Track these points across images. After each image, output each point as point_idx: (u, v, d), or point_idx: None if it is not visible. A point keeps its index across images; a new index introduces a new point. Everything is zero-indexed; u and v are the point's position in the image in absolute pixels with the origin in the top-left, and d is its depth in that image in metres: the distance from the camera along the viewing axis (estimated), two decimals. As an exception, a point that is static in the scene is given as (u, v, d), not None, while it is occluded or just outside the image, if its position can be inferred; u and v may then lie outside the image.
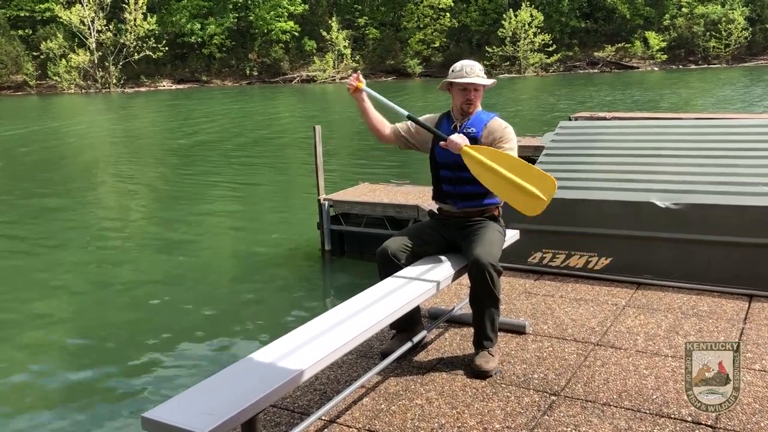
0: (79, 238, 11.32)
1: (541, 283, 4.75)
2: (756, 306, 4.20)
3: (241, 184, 16.04)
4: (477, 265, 3.30)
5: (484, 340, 3.44)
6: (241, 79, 64.89)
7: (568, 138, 5.75)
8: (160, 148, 23.59)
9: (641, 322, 4.00)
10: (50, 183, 16.90)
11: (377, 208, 9.24)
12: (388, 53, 65.73)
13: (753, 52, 62.27)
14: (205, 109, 38.37)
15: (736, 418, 2.91)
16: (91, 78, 62.73)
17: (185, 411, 2.16)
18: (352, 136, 24.44)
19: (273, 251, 10.05)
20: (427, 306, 4.14)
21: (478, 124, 3.51)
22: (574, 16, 64.38)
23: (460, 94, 3.51)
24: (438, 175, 3.63)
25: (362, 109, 3.61)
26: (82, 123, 33.69)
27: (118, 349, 6.74)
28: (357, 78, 3.52)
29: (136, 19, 61.81)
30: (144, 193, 15.54)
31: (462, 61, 3.60)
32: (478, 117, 3.53)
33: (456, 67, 3.54)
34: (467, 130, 3.50)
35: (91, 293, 8.56)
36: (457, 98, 3.54)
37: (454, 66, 3.57)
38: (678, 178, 4.83)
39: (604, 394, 3.15)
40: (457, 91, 3.52)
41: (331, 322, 2.84)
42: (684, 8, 63.30)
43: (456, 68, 3.53)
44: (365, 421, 3.00)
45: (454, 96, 3.56)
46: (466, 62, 3.56)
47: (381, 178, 11.92)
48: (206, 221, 12.40)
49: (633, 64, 62.39)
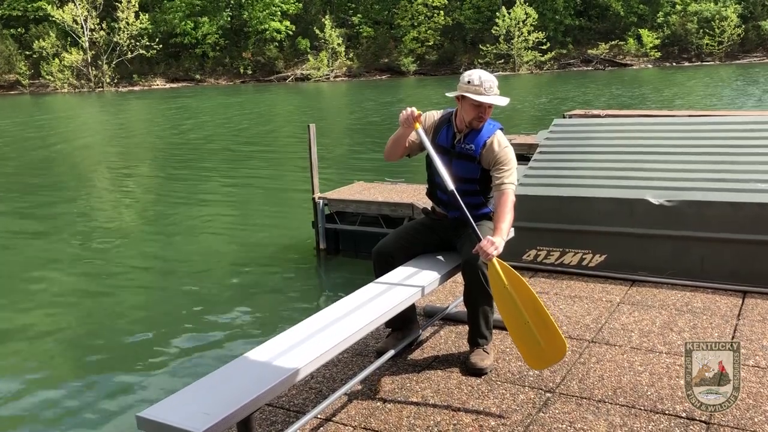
0: (72, 237, 11.28)
1: (536, 281, 4.76)
2: (749, 302, 4.22)
3: (235, 183, 16.01)
4: (470, 262, 3.30)
5: (479, 337, 3.45)
6: (235, 78, 64.75)
7: (562, 135, 5.76)
8: (153, 146, 23.53)
9: (636, 319, 4.02)
10: (42, 182, 16.83)
11: (372, 206, 9.24)
12: (382, 51, 65.67)
13: (746, 49, 62.42)
14: (199, 108, 38.28)
15: (730, 414, 2.93)
16: (84, 77, 62.50)
17: (181, 410, 2.16)
18: (346, 134, 24.43)
19: (268, 250, 10.04)
20: (422, 304, 4.15)
21: (478, 141, 3.36)
22: (568, 14, 64.44)
23: (472, 108, 3.31)
24: (433, 181, 3.57)
25: (402, 136, 3.42)
26: (74, 121, 33.58)
27: (112, 348, 6.73)
28: (418, 118, 3.32)
29: (129, 18, 61.60)
30: (137, 192, 15.50)
31: (479, 72, 3.34)
32: (481, 133, 3.37)
33: (474, 80, 3.27)
34: (466, 146, 3.37)
35: (85, 292, 8.54)
36: (468, 112, 3.33)
37: (471, 77, 3.31)
38: (672, 175, 4.84)
39: (599, 391, 3.16)
40: (470, 106, 3.31)
41: (326, 321, 2.84)
42: (678, 5, 63.44)
43: (474, 81, 3.27)
44: (361, 419, 3.00)
45: (465, 108, 3.34)
46: (485, 77, 3.30)
47: (376, 177, 11.93)
48: (200, 220, 12.38)
49: (627, 62, 62.47)
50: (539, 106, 30.07)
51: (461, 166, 3.40)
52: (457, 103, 3.42)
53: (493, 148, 3.35)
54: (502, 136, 3.40)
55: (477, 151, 3.37)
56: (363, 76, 64.69)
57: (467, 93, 3.28)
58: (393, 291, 3.15)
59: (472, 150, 3.37)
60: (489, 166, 3.37)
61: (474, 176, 3.41)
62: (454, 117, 3.48)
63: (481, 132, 3.38)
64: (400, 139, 3.44)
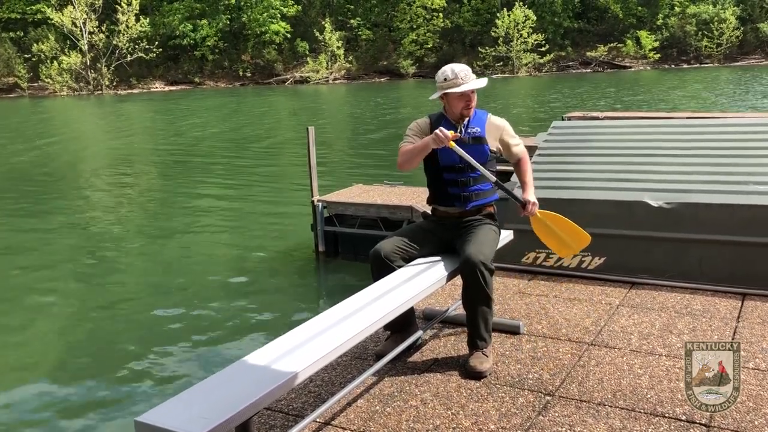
0: (70, 240, 11.28)
1: (535, 283, 4.76)
2: (749, 304, 4.22)
3: (234, 186, 16.01)
4: (468, 263, 3.30)
5: (479, 340, 3.44)
6: (234, 81, 64.79)
7: (561, 138, 5.76)
8: (152, 150, 23.52)
9: (635, 322, 4.01)
10: (40, 186, 16.83)
11: (371, 209, 9.24)
12: (381, 54, 65.77)
13: (744, 51, 62.57)
14: (198, 111, 38.27)
15: (730, 417, 2.92)
16: (83, 80, 62.50)
17: (179, 414, 2.15)
18: (345, 137, 24.43)
19: (267, 253, 10.03)
20: (421, 307, 4.14)
21: (479, 123, 3.57)
22: (566, 16, 64.55)
23: (458, 100, 3.48)
24: (441, 178, 3.60)
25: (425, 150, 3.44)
26: (72, 125, 33.57)
27: (110, 352, 6.71)
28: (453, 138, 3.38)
29: (129, 21, 61.62)
30: (135, 195, 15.49)
31: (450, 66, 3.51)
32: (477, 117, 3.58)
33: (449, 75, 3.44)
34: (472, 130, 3.54)
35: (82, 296, 8.52)
36: (455, 105, 3.50)
37: (445, 74, 3.47)
38: (671, 177, 4.84)
39: (599, 394, 3.16)
40: (455, 99, 3.48)
41: (325, 324, 2.83)
42: (676, 8, 63.55)
43: (449, 76, 3.44)
44: (360, 423, 2.99)
45: (452, 103, 3.51)
46: (458, 68, 3.47)
47: (374, 180, 11.92)
48: (199, 223, 12.37)
49: (625, 64, 62.58)
50: (538, 109, 30.10)
51: (476, 150, 3.51)
52: (442, 102, 3.61)
53: (494, 121, 3.62)
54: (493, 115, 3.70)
55: (483, 130, 3.56)
56: (362, 78, 64.77)
57: (449, 90, 3.47)
58: (392, 294, 3.14)
59: (479, 131, 3.55)
60: (495, 140, 3.59)
61: (485, 159, 3.54)
62: (445, 113, 3.62)
63: (476, 116, 3.59)
64: (424, 152, 3.46)
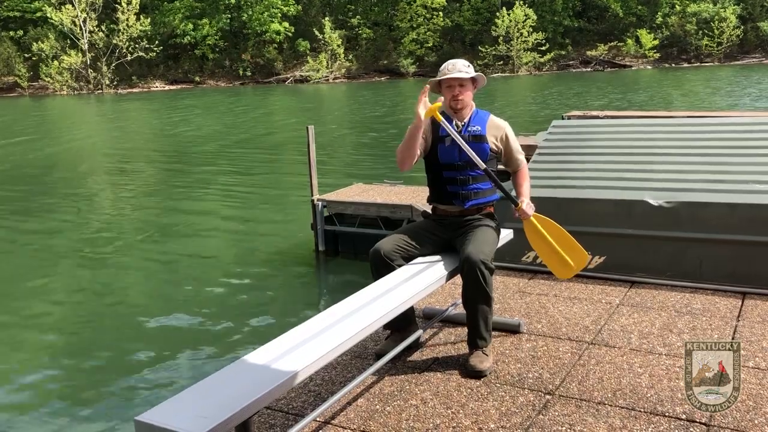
0: (72, 239, 11.28)
1: (535, 282, 4.76)
2: (749, 303, 4.22)
3: (234, 185, 16.00)
4: (468, 262, 3.31)
5: (479, 339, 3.44)
6: (234, 80, 64.72)
7: (561, 137, 5.75)
8: (152, 149, 23.52)
9: (635, 321, 4.01)
10: (41, 185, 16.83)
11: (371, 208, 9.24)
12: (381, 53, 65.70)
13: (745, 50, 62.49)
14: (198, 110, 38.26)
15: (730, 416, 2.92)
16: (83, 79, 62.45)
17: (179, 414, 2.15)
18: (345, 136, 24.42)
19: (266, 252, 10.03)
20: (421, 306, 4.14)
21: (480, 122, 3.62)
22: (567, 15, 64.49)
23: (447, 92, 3.61)
24: (441, 176, 3.61)
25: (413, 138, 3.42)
26: (72, 124, 33.56)
27: (110, 351, 6.72)
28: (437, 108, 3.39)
29: (129, 20, 61.55)
30: (136, 194, 15.48)
31: (450, 61, 3.67)
32: (478, 116, 3.64)
33: (442, 69, 3.65)
34: (473, 128, 3.58)
35: (83, 295, 8.53)
36: (446, 95, 3.63)
37: (442, 67, 3.68)
38: (671, 176, 4.84)
39: (599, 393, 3.16)
40: (445, 89, 3.62)
41: (325, 323, 2.83)
42: (676, 6, 63.48)
43: (441, 69, 3.66)
44: (360, 422, 2.99)
45: (444, 95, 3.65)
46: (451, 60, 3.66)
47: (374, 179, 11.92)
48: (199, 222, 12.37)
49: (626, 63, 62.50)
50: (538, 108, 30.08)
51: (476, 148, 3.53)
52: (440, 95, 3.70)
53: (495, 122, 3.66)
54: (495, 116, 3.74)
55: (483, 129, 3.60)
56: (362, 77, 64.71)
57: (440, 77, 3.62)
58: (392, 293, 3.15)
59: (479, 130, 3.59)
60: (496, 139, 3.62)
61: (485, 158, 3.55)
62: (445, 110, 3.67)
63: (477, 115, 3.64)
64: (412, 140, 3.45)
